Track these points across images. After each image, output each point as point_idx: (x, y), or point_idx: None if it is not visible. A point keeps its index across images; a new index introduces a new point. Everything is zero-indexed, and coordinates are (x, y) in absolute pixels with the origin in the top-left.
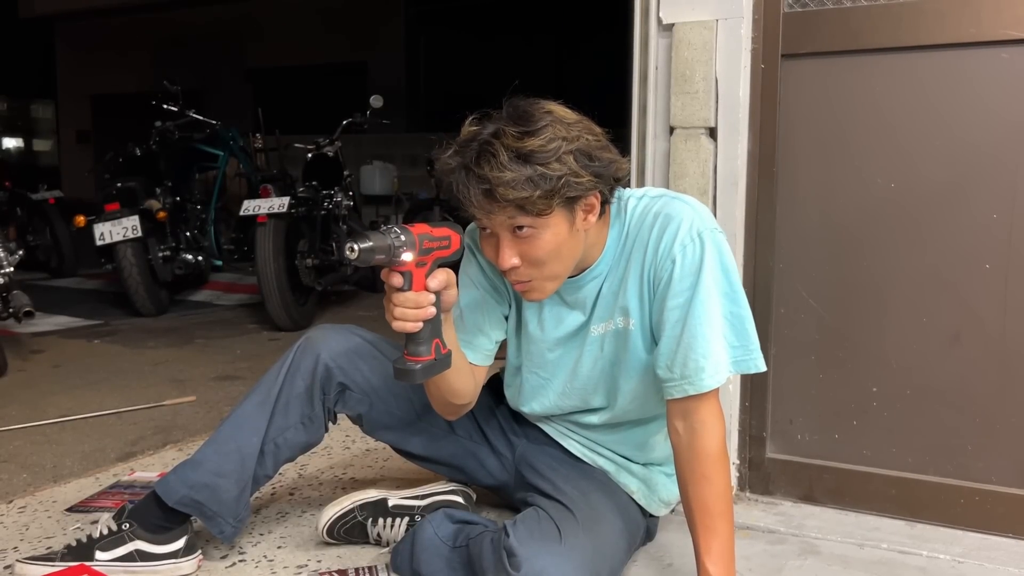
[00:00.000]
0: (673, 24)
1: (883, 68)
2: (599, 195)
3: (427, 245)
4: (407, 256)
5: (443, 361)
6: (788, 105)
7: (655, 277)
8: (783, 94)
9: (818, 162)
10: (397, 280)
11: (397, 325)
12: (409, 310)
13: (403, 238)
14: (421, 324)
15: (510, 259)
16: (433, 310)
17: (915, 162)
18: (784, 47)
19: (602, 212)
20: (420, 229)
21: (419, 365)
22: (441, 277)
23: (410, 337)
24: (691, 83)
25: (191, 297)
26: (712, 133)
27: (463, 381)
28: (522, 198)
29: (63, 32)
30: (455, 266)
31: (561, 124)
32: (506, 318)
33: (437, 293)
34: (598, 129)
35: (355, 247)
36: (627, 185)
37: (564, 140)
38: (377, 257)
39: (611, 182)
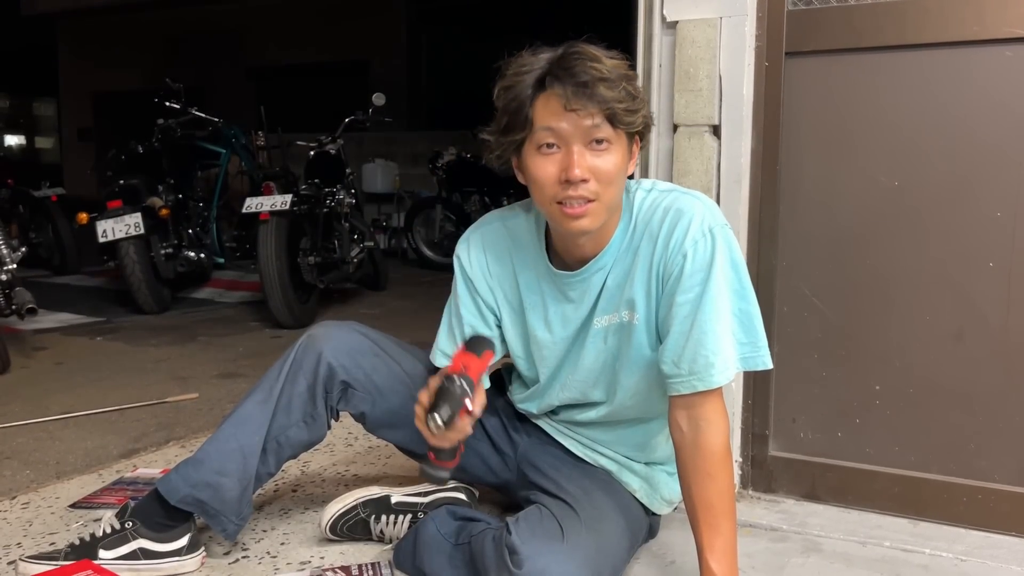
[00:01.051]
0: (677, 22)
1: (887, 66)
2: (639, 142)
3: (480, 379)
4: (470, 404)
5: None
6: (792, 103)
7: (665, 272)
8: (787, 92)
9: (822, 160)
10: (467, 429)
11: (435, 441)
12: (461, 435)
13: (466, 387)
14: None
15: (585, 170)
16: (471, 429)
17: (919, 160)
18: (788, 45)
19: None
20: (473, 364)
21: (447, 471)
22: (481, 399)
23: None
24: (695, 81)
25: (193, 295)
26: (716, 131)
27: None
28: (618, 100)
29: (65, 30)
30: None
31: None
32: (498, 327)
33: None
34: None
35: (439, 420)
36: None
37: (631, 72)
38: (454, 416)
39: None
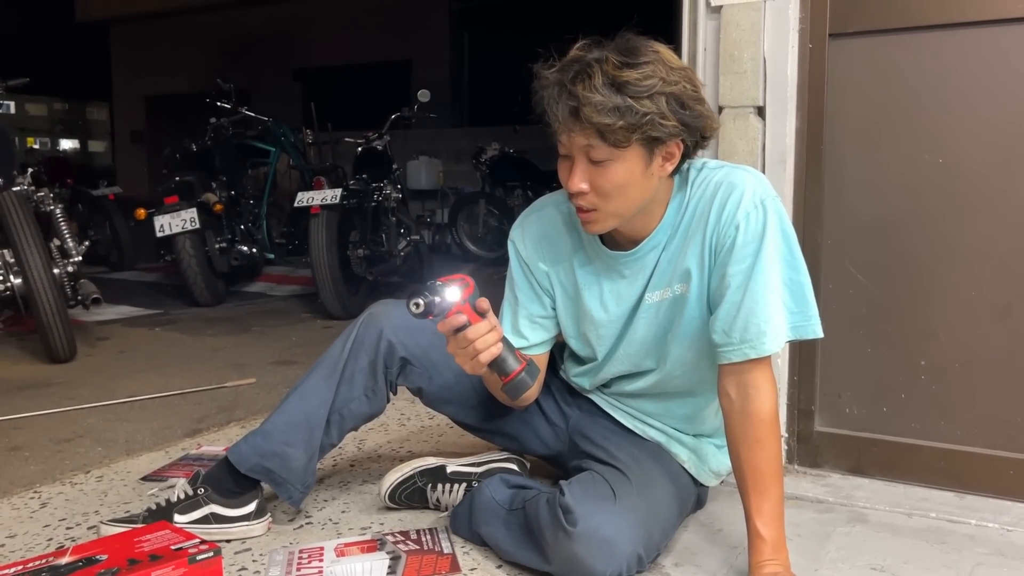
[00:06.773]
0: (721, 6)
1: (932, 45)
2: (681, 145)
3: (460, 286)
4: (454, 295)
5: (532, 365)
6: (835, 83)
7: (717, 244)
8: (830, 73)
9: (865, 139)
10: (460, 319)
11: (484, 356)
12: (486, 336)
13: (443, 285)
14: (501, 344)
15: (579, 183)
16: (500, 329)
17: (964, 138)
18: (832, 26)
19: (680, 165)
20: (445, 280)
21: (521, 373)
22: (485, 303)
23: (496, 362)
24: (739, 63)
25: (245, 288)
26: (760, 112)
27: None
28: (604, 124)
29: (117, 35)
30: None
31: (664, 65)
32: (553, 308)
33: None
34: (699, 82)
35: (419, 302)
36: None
37: (662, 81)
38: (437, 300)
39: (698, 136)
